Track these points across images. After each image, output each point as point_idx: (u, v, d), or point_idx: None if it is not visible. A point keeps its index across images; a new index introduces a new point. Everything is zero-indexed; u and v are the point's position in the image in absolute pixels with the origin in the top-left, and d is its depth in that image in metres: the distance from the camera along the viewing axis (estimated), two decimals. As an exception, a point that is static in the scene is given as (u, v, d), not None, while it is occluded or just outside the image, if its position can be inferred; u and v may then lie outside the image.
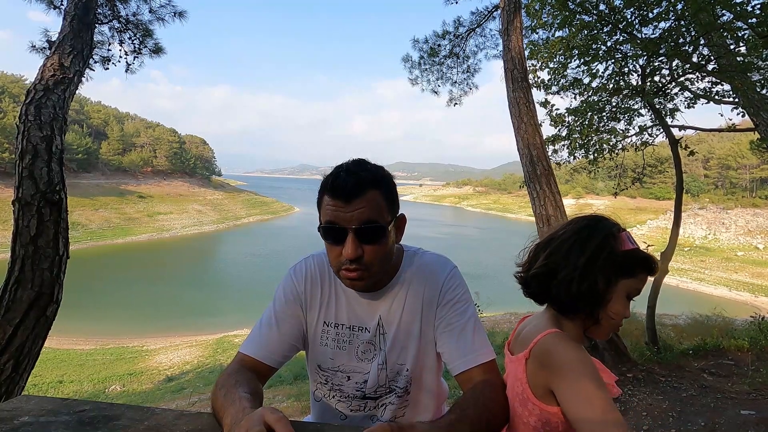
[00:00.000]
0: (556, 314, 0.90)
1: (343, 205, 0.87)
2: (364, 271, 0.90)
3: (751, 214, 48.47)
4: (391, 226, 0.93)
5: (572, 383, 0.76)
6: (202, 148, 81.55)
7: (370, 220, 0.88)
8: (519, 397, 0.87)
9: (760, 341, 5.36)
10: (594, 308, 0.85)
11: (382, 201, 0.91)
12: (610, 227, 0.88)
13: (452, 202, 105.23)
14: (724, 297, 27.49)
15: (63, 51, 2.96)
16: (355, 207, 0.87)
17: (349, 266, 0.90)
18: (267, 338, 0.99)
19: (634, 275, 0.85)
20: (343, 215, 0.88)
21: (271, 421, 0.65)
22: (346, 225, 0.88)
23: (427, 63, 8.73)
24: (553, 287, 0.87)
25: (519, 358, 0.88)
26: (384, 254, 0.93)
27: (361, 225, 0.87)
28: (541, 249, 0.93)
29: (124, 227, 48.42)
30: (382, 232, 0.90)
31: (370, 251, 0.89)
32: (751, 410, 3.55)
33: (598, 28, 5.60)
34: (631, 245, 0.86)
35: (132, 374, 14.37)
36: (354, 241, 0.88)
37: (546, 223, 4.74)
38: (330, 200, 0.89)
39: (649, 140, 7.14)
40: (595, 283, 0.84)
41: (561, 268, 0.86)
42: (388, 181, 0.95)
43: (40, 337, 2.55)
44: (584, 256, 0.85)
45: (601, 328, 0.88)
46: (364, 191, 0.88)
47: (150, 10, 4.42)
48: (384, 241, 0.91)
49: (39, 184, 2.58)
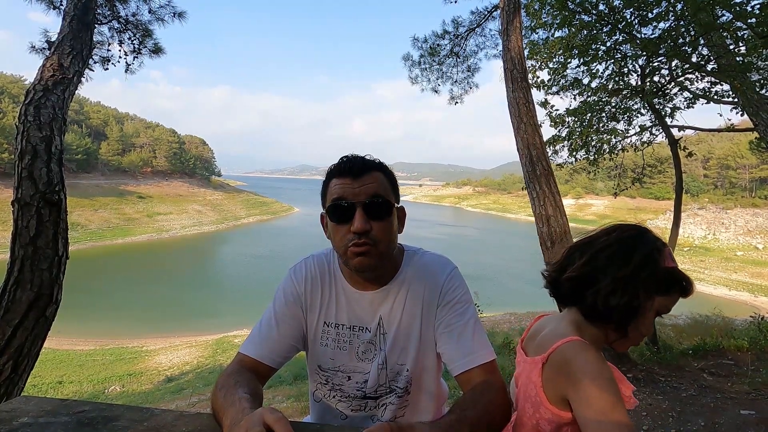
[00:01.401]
0: (578, 319, 0.87)
1: (351, 182, 0.91)
2: (372, 247, 0.91)
3: (751, 214, 48.52)
4: (394, 209, 0.96)
5: (589, 395, 0.73)
6: (201, 149, 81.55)
7: (378, 194, 0.91)
8: (531, 400, 0.85)
9: (760, 341, 5.36)
10: (628, 322, 0.83)
11: (386, 182, 0.96)
12: (655, 241, 0.86)
13: (452, 203, 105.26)
14: (723, 297, 27.51)
15: (62, 51, 2.95)
16: (363, 182, 0.91)
17: (357, 241, 0.90)
18: (267, 339, 0.99)
19: (670, 294, 0.83)
20: (351, 190, 0.91)
21: (270, 422, 0.65)
22: (355, 199, 0.90)
23: (427, 62, 8.73)
24: (589, 294, 0.84)
25: (536, 361, 0.85)
26: (390, 233, 0.94)
27: (369, 199, 0.90)
28: (577, 252, 0.89)
29: (124, 228, 48.40)
30: (389, 209, 0.93)
31: (377, 227, 0.91)
32: (750, 410, 3.55)
33: (598, 28, 5.60)
34: (672, 263, 0.84)
35: (131, 375, 14.36)
36: (362, 215, 0.90)
37: (546, 223, 4.74)
38: (337, 180, 0.93)
39: (648, 140, 7.15)
40: (636, 297, 0.81)
41: (601, 277, 0.83)
42: (390, 171, 1.00)
43: (40, 337, 2.54)
44: (628, 267, 0.82)
45: (627, 341, 0.86)
46: (370, 170, 0.93)
47: (149, 10, 4.42)
48: (390, 219, 0.94)
49: (38, 184, 2.57)
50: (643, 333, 0.84)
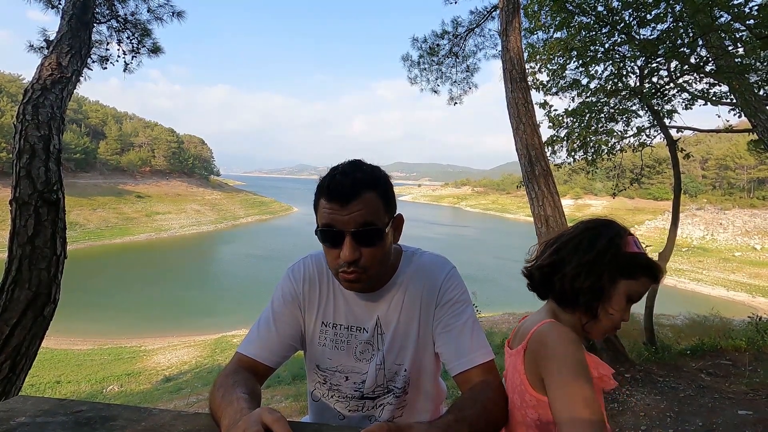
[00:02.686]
0: (554, 308, 0.94)
1: (340, 208, 0.86)
2: (362, 274, 0.90)
3: (749, 214, 48.63)
4: (388, 228, 0.92)
5: (557, 372, 0.79)
6: (200, 148, 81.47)
7: (367, 223, 0.87)
8: (518, 389, 0.89)
9: (758, 341, 5.37)
10: (594, 302, 0.88)
11: (378, 202, 0.90)
12: (618, 229, 0.92)
13: (451, 203, 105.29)
14: (721, 297, 27.58)
15: (61, 50, 2.95)
16: (352, 210, 0.86)
17: (346, 269, 0.89)
18: (265, 339, 0.99)
19: (635, 278, 0.88)
20: (339, 218, 0.86)
21: (268, 422, 0.65)
22: (343, 228, 0.87)
23: (426, 62, 8.72)
24: (557, 280, 0.90)
25: (518, 350, 0.90)
26: (381, 256, 0.92)
27: (358, 228, 0.86)
28: (549, 245, 0.97)
29: (122, 227, 48.33)
30: (379, 235, 0.89)
31: (367, 254, 0.89)
32: (748, 410, 3.56)
33: (597, 29, 5.61)
34: (636, 249, 0.89)
35: (130, 374, 14.33)
36: (351, 244, 0.87)
37: (544, 224, 4.74)
38: (326, 203, 0.88)
39: (647, 141, 7.16)
40: (599, 278, 0.87)
41: (566, 263, 0.90)
42: (385, 181, 0.93)
43: (38, 337, 2.54)
44: (592, 253, 0.88)
45: (599, 326, 0.90)
46: (360, 193, 0.87)
47: (148, 9, 4.41)
48: (381, 243, 0.91)
49: (36, 183, 2.57)
50: (616, 319, 0.89)
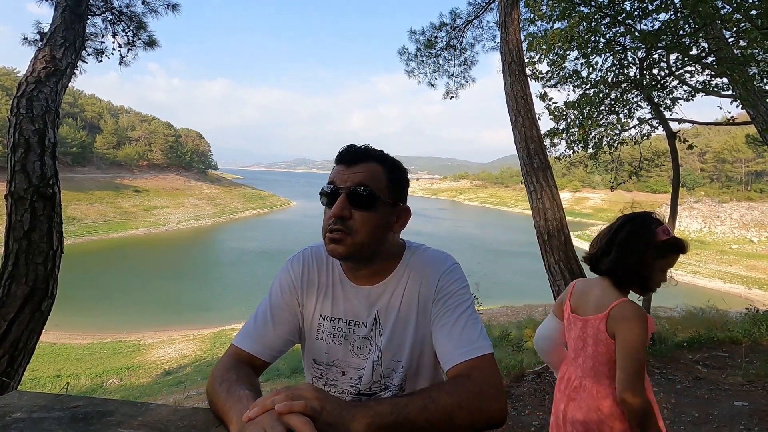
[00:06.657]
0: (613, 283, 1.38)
1: (344, 169, 0.93)
2: (347, 235, 0.89)
3: (746, 207, 48.77)
4: (388, 206, 0.93)
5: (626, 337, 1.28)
6: (198, 142, 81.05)
7: (363, 184, 0.90)
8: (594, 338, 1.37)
9: (754, 333, 5.40)
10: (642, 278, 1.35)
11: (382, 176, 0.93)
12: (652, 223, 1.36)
13: (449, 196, 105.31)
14: (718, 289, 27.71)
15: (55, 43, 2.91)
16: (353, 171, 0.91)
17: (333, 227, 0.90)
18: (263, 332, 0.97)
19: (666, 257, 1.34)
20: (341, 177, 0.92)
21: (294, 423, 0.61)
22: (341, 185, 0.91)
23: (423, 55, 8.65)
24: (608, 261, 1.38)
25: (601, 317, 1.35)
26: (373, 226, 0.91)
27: (354, 187, 0.90)
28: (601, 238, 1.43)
29: (120, 221, 48.25)
30: (374, 200, 0.90)
31: (358, 216, 0.90)
32: (744, 401, 3.59)
33: (597, 20, 5.56)
34: (665, 236, 1.32)
35: (129, 368, 14.40)
36: (343, 201, 0.89)
37: (543, 217, 4.73)
38: (336, 166, 0.95)
39: (647, 133, 7.14)
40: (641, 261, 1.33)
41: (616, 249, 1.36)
42: (398, 167, 0.98)
43: (35, 332, 2.53)
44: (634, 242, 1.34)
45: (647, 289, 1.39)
46: (367, 160, 0.93)
47: (143, 1, 4.36)
48: (375, 211, 0.91)
49: (32, 178, 2.55)
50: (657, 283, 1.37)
